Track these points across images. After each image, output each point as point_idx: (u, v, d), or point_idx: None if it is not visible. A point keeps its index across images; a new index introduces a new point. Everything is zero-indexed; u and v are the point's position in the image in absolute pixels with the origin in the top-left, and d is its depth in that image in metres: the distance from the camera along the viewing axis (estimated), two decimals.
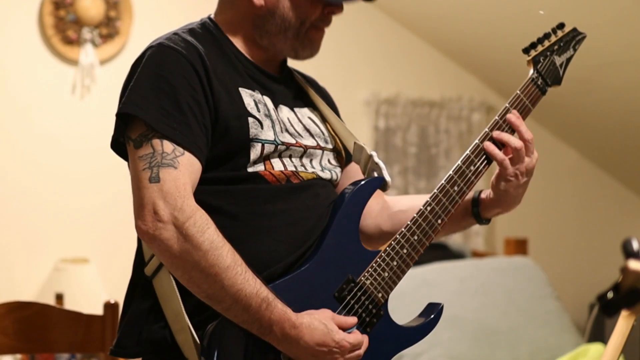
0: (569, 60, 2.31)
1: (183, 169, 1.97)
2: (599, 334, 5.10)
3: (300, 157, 2.16)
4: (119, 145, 2.09)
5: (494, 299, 4.60)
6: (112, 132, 2.07)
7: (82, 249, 4.84)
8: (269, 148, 2.09)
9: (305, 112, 2.26)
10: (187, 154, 1.99)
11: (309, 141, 2.20)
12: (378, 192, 2.26)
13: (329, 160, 2.25)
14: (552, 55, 2.28)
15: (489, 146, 2.18)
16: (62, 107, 4.89)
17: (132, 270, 2.14)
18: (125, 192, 2.13)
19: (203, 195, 2.03)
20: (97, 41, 4.88)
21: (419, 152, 5.78)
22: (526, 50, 2.27)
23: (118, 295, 2.21)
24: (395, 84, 5.73)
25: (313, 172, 2.17)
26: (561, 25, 2.31)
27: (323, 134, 2.26)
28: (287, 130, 2.15)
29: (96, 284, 4.63)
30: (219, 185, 2.06)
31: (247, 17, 2.18)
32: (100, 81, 4.91)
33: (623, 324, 2.28)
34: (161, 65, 2.04)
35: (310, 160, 2.19)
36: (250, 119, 2.07)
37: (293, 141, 2.15)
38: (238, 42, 2.19)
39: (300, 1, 2.15)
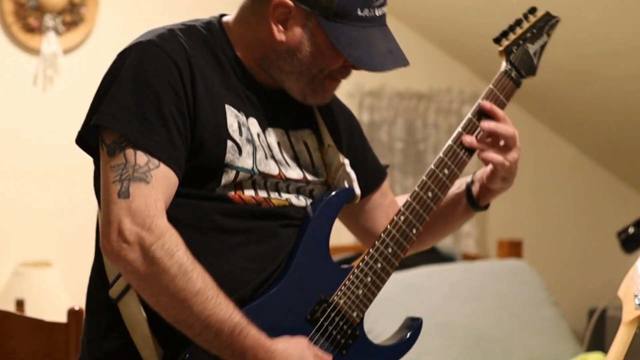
0: (543, 47, 2.31)
1: (156, 184, 1.94)
2: (598, 342, 5.12)
3: (277, 184, 2.13)
4: (86, 141, 2.05)
5: (487, 305, 4.61)
6: (76, 127, 2.05)
7: (45, 251, 4.83)
8: (243, 176, 2.06)
9: (301, 135, 2.21)
10: (163, 167, 1.95)
11: (294, 173, 2.16)
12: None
13: (310, 192, 2.21)
14: (525, 43, 2.28)
15: (470, 139, 2.21)
16: (22, 100, 4.87)
17: (90, 287, 2.12)
18: (91, 191, 2.11)
19: (169, 206, 1.99)
20: (60, 29, 4.86)
21: (406, 148, 5.78)
22: (497, 40, 2.28)
23: (83, 301, 2.20)
24: (380, 74, 5.71)
25: (287, 199, 2.14)
26: (533, 10, 2.31)
27: (314, 165, 2.21)
28: (273, 157, 2.12)
29: (59, 290, 4.61)
30: (185, 199, 2.03)
31: (262, 45, 2.10)
32: (63, 72, 4.89)
33: (624, 331, 2.29)
34: (147, 69, 1.99)
35: (287, 186, 2.15)
36: (229, 143, 2.04)
37: (276, 172, 2.11)
38: (242, 51, 2.13)
39: (323, 49, 2.07)
